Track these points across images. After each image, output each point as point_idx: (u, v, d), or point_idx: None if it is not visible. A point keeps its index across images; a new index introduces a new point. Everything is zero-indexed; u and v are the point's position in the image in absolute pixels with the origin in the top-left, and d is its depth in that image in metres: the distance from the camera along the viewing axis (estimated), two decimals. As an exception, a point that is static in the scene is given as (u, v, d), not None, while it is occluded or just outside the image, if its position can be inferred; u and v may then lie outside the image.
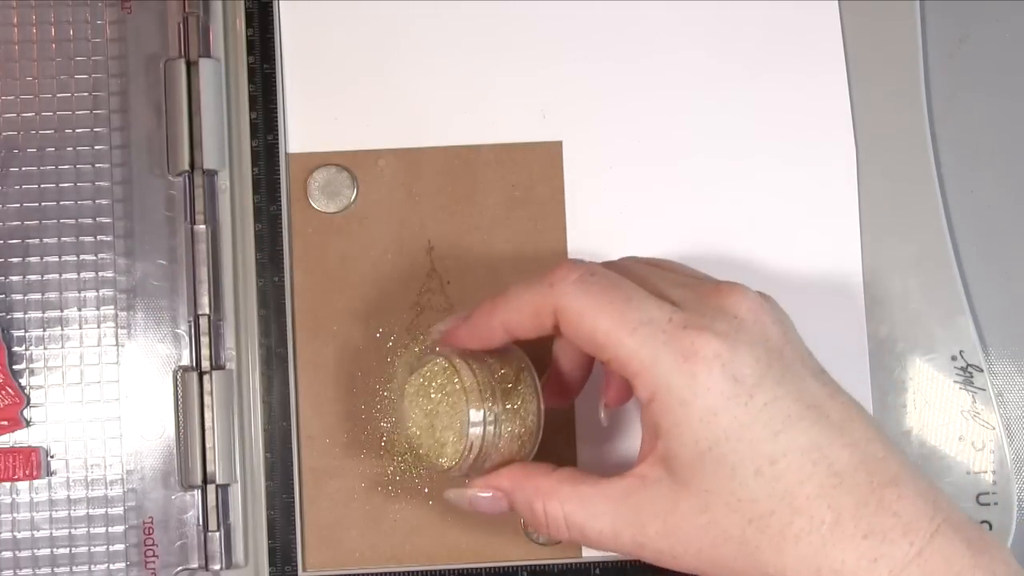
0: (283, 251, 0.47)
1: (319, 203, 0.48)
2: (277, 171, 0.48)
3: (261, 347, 0.47)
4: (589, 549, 0.47)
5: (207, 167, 0.47)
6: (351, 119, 0.48)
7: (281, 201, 0.47)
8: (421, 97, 0.48)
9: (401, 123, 0.48)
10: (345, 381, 0.47)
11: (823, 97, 0.48)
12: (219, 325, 0.47)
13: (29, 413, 0.46)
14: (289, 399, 0.47)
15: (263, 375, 0.47)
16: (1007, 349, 0.48)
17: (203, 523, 0.46)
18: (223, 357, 0.47)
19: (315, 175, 0.48)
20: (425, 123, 0.48)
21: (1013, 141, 0.49)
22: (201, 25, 0.47)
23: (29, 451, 0.46)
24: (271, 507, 0.46)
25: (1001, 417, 0.47)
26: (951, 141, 0.48)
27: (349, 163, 0.48)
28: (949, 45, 0.49)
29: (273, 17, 0.48)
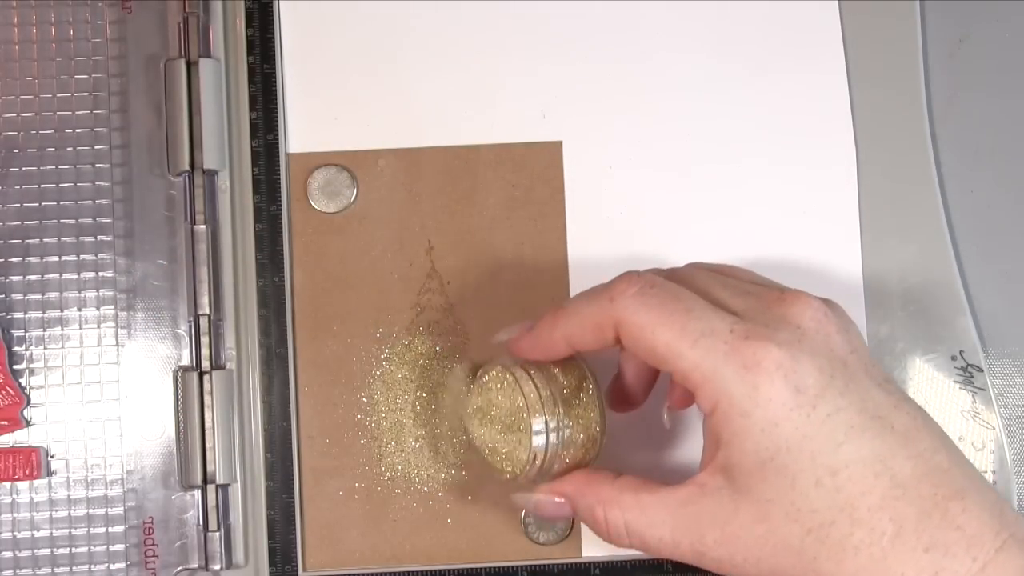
0: (283, 251, 0.47)
1: (319, 203, 0.48)
2: (277, 171, 0.48)
3: (261, 347, 0.47)
4: (589, 549, 0.47)
5: (207, 167, 0.47)
6: (351, 119, 0.48)
7: (281, 201, 0.47)
8: (421, 97, 0.48)
9: (401, 123, 0.48)
10: (345, 381, 0.47)
11: (823, 97, 0.48)
12: (219, 325, 0.47)
13: (29, 413, 0.46)
14: (289, 399, 0.47)
15: (263, 375, 0.47)
16: (1007, 349, 0.48)
17: (203, 523, 0.46)
18: (223, 357, 0.47)
19: (315, 175, 0.48)
20: (425, 123, 0.48)
21: (1013, 141, 0.49)
22: (201, 25, 0.47)
23: (29, 451, 0.46)
24: (271, 507, 0.46)
25: (1001, 417, 0.47)
26: (951, 141, 0.48)
27: (349, 163, 0.48)
28: (949, 45, 0.49)
29: (273, 17, 0.48)
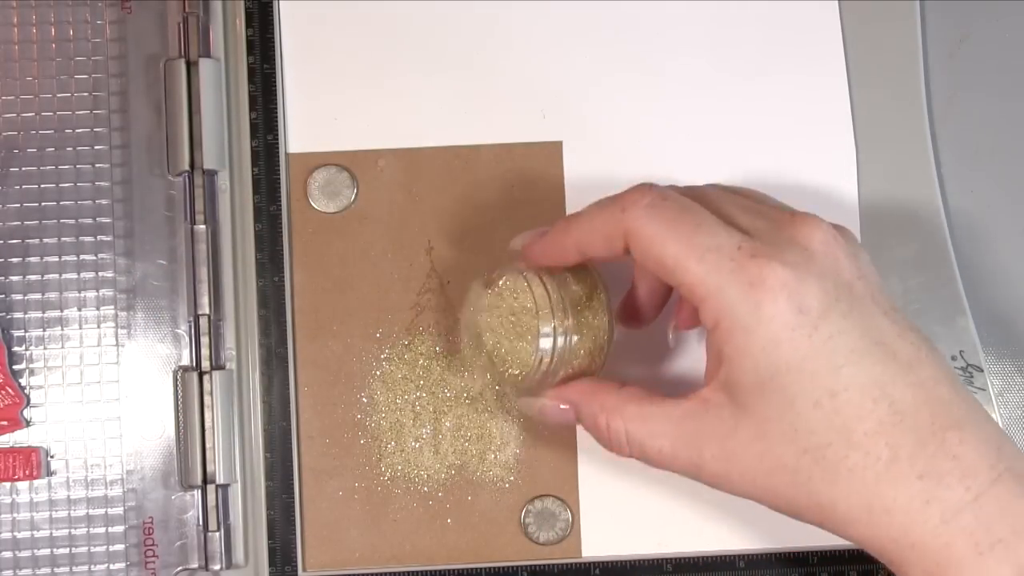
0: (283, 251, 0.47)
1: (319, 203, 0.48)
2: (277, 171, 0.48)
3: (261, 347, 0.47)
4: (589, 549, 0.47)
5: (207, 167, 0.47)
6: (351, 119, 0.48)
7: (281, 201, 0.47)
8: (421, 97, 0.48)
9: (401, 123, 0.48)
10: (345, 381, 0.47)
11: (823, 97, 0.48)
12: (219, 325, 0.47)
13: (29, 413, 0.46)
14: (289, 399, 0.47)
15: (263, 375, 0.47)
16: (1007, 349, 0.48)
17: (203, 523, 0.46)
18: (223, 357, 0.47)
19: (315, 175, 0.48)
20: (425, 123, 0.48)
21: (1013, 141, 0.49)
22: (201, 25, 0.47)
23: (29, 451, 0.46)
24: (271, 507, 0.46)
25: (1001, 417, 0.47)
26: (951, 141, 0.48)
27: (349, 163, 0.48)
28: (949, 45, 0.49)
29: (273, 17, 0.48)
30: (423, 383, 0.47)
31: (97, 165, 0.47)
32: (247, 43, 0.48)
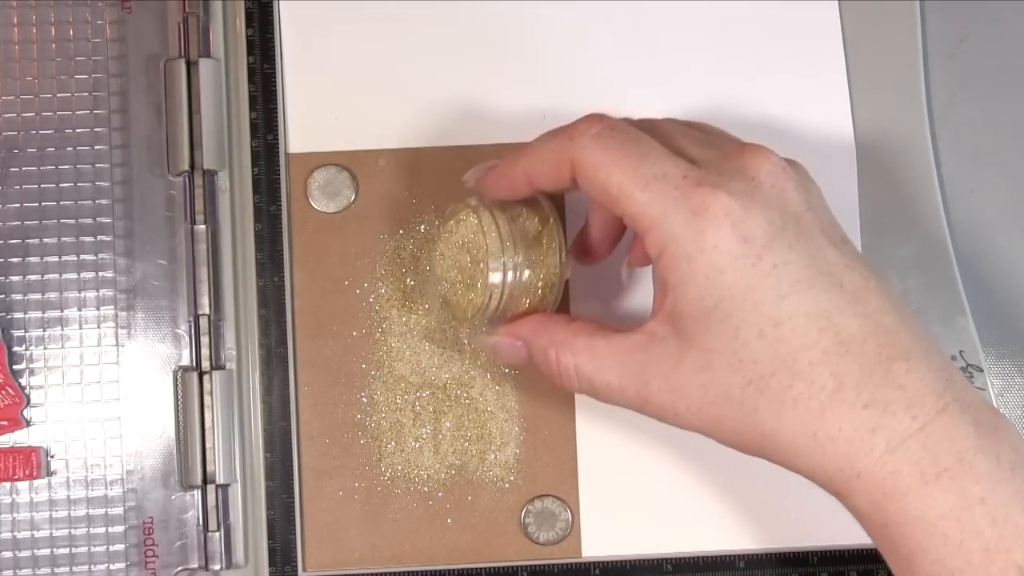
0: (283, 251, 0.47)
1: (319, 203, 0.48)
2: (277, 171, 0.48)
3: (261, 347, 0.47)
4: (589, 549, 0.47)
5: (207, 167, 0.47)
6: (351, 119, 0.48)
7: (281, 201, 0.48)
8: (421, 97, 0.48)
9: (401, 123, 0.48)
10: (345, 381, 0.47)
11: (823, 97, 0.48)
12: (219, 325, 0.47)
13: (29, 413, 0.46)
14: (289, 399, 0.47)
15: (263, 375, 0.47)
16: (1007, 349, 0.48)
17: (203, 523, 0.46)
18: (223, 357, 0.47)
19: (315, 175, 0.48)
20: (425, 123, 0.48)
21: (1013, 141, 0.49)
22: (201, 25, 0.47)
23: (29, 451, 0.46)
24: (271, 507, 0.46)
25: (1001, 417, 0.47)
26: (951, 141, 0.48)
27: (349, 163, 0.48)
28: (949, 45, 0.49)
29: (273, 17, 0.48)
30: (423, 383, 0.47)
31: (97, 165, 0.47)
32: (247, 43, 0.48)
